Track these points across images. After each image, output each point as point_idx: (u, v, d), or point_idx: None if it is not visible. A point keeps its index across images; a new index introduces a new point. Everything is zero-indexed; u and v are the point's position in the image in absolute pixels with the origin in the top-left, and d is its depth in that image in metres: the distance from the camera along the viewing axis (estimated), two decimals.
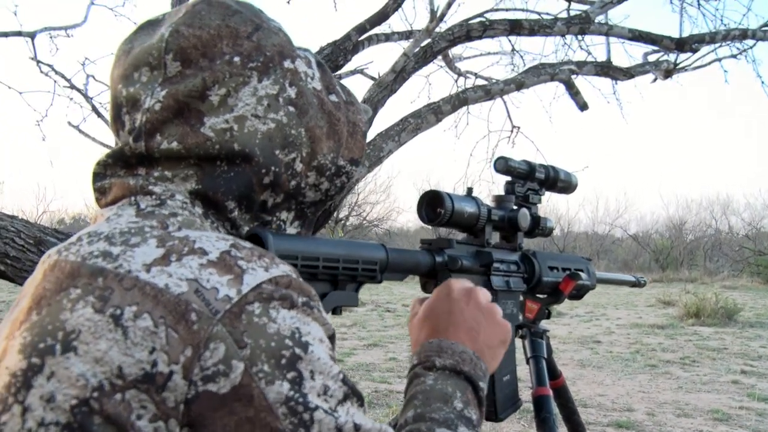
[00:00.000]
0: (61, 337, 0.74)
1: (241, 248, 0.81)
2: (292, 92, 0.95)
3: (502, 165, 1.44)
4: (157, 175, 0.91)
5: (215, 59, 0.90)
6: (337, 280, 1.05)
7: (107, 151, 0.95)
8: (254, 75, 0.92)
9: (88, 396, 0.72)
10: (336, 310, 1.06)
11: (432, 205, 1.26)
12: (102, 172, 0.95)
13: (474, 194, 1.33)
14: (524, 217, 1.40)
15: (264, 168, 0.93)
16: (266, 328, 0.76)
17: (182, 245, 0.80)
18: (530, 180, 1.50)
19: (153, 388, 0.72)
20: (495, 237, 1.39)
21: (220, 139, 0.90)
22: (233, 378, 0.74)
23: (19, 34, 4.50)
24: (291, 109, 0.95)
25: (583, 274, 1.52)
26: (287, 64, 0.96)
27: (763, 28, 5.32)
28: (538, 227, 1.48)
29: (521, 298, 1.48)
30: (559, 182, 1.56)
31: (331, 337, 0.85)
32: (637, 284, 2.02)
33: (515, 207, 1.44)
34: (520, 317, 1.46)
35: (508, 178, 1.49)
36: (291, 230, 1.02)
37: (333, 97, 1.02)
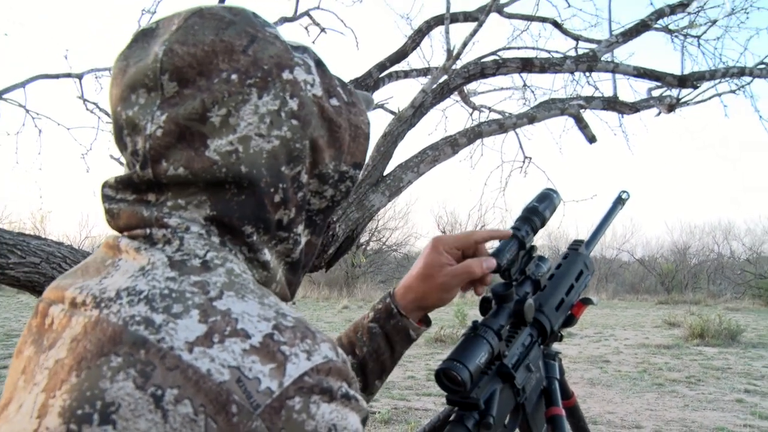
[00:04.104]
0: (100, 407, 0.71)
1: (283, 330, 0.76)
2: (293, 104, 0.86)
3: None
4: (171, 204, 0.84)
5: (212, 77, 0.83)
6: None
7: (116, 174, 0.89)
8: (254, 92, 0.84)
9: None
10: None
11: (450, 380, 1.16)
12: (112, 195, 0.89)
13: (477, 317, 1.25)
14: (530, 308, 1.29)
15: (273, 187, 0.85)
16: (304, 425, 0.72)
17: (224, 323, 0.74)
18: (522, 249, 1.32)
19: None
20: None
21: (226, 162, 0.83)
22: None
23: (68, 75, 4.57)
24: (294, 122, 0.86)
25: (594, 298, 1.49)
26: (286, 75, 0.87)
27: (759, 66, 5.34)
28: (541, 290, 1.39)
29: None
30: (547, 219, 1.39)
31: (365, 420, 0.81)
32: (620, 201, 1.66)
33: (517, 296, 1.31)
34: (542, 370, 1.37)
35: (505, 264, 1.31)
36: (303, 240, 0.94)
37: (334, 101, 0.92)
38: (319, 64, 0.94)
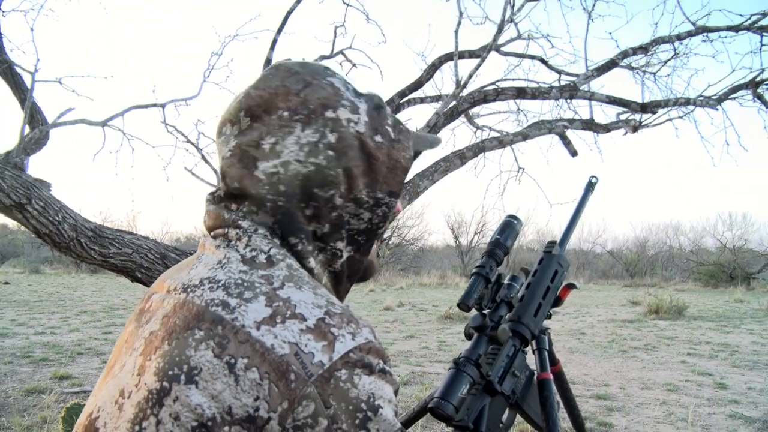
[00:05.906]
0: (186, 369, 0.74)
1: (332, 315, 0.77)
2: (332, 138, 0.85)
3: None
4: (246, 210, 0.86)
5: (272, 114, 0.85)
6: None
7: (215, 187, 0.93)
8: (298, 125, 0.84)
9: (204, 422, 0.72)
10: None
11: (439, 414, 1.13)
12: (210, 200, 0.92)
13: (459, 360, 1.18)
14: (503, 332, 1.23)
15: (303, 203, 0.85)
16: (348, 392, 0.73)
17: (285, 308, 0.76)
18: (489, 283, 1.27)
19: (253, 428, 0.71)
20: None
21: (269, 181, 0.84)
22: (317, 430, 0.72)
23: (155, 105, 4.64)
24: (330, 153, 0.85)
25: (577, 283, 1.44)
26: (329, 113, 0.86)
27: (699, 98, 5.36)
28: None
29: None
30: (510, 247, 1.32)
31: (396, 391, 0.81)
32: (590, 186, 1.54)
33: (493, 323, 1.25)
34: (528, 369, 1.29)
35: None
36: (345, 254, 0.92)
37: (378, 138, 0.89)
38: (379, 108, 0.92)
